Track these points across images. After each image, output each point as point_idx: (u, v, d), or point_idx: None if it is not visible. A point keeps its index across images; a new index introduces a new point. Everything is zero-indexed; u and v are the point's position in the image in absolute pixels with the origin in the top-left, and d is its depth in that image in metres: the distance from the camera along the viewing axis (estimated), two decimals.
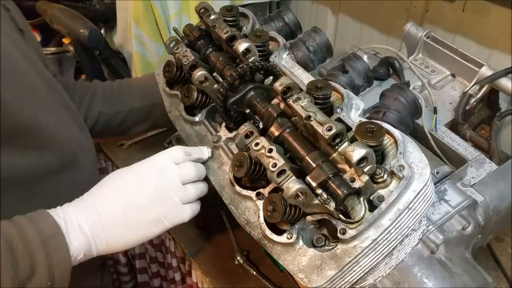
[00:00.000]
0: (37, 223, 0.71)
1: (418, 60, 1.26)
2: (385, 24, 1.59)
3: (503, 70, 1.09)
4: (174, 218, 0.82)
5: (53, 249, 0.70)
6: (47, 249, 0.69)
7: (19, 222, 0.71)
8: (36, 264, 0.68)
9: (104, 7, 1.70)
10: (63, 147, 0.89)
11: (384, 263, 0.74)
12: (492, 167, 1.00)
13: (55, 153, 0.87)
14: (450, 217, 0.86)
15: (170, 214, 0.81)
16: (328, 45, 1.06)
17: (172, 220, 0.82)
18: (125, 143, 1.54)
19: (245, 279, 1.17)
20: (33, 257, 0.68)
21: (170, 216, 0.81)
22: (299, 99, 0.74)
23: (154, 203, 0.80)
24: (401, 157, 0.71)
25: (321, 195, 0.68)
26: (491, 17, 1.26)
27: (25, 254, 0.67)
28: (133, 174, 0.82)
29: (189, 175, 0.84)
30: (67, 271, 0.72)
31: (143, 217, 0.79)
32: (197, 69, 0.89)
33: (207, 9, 0.97)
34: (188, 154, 0.85)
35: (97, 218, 0.76)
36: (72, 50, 1.71)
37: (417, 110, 0.99)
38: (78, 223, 0.75)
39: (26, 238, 0.68)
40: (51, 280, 0.70)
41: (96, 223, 0.76)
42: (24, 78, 0.81)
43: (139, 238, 0.81)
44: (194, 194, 0.85)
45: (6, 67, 0.75)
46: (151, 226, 0.81)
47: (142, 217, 0.79)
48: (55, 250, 0.70)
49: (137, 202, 0.79)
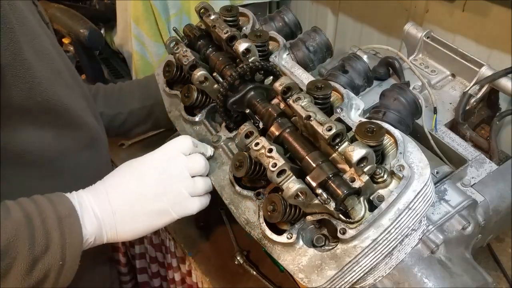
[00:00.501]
0: (54, 203, 0.74)
1: (418, 60, 1.26)
2: (385, 24, 1.59)
3: (503, 70, 1.09)
4: (181, 209, 0.83)
5: (67, 228, 0.73)
6: (62, 228, 0.72)
7: (38, 200, 0.74)
8: (50, 240, 0.71)
9: (104, 7, 1.69)
10: (83, 128, 0.91)
11: (384, 263, 0.74)
12: (492, 167, 1.00)
13: (75, 133, 0.90)
14: (450, 217, 0.86)
15: (177, 205, 0.82)
16: (328, 45, 1.06)
17: (179, 212, 0.83)
18: (125, 143, 1.54)
19: (245, 279, 1.17)
20: (49, 233, 0.71)
21: (177, 207, 0.82)
22: (299, 99, 0.74)
23: (161, 194, 0.81)
24: (401, 157, 0.71)
25: (321, 195, 0.68)
26: (491, 17, 1.26)
27: (42, 229, 0.70)
28: (142, 164, 0.84)
29: (198, 167, 0.84)
30: (78, 252, 0.74)
31: (150, 207, 0.81)
32: (197, 69, 0.89)
33: (207, 9, 0.97)
34: (195, 145, 0.86)
35: (108, 205, 0.78)
36: (72, 50, 1.71)
37: (417, 110, 0.99)
38: (92, 207, 0.78)
39: (44, 214, 0.71)
40: (62, 259, 0.72)
41: (107, 209, 0.78)
42: (54, 62, 0.84)
43: (146, 228, 0.82)
44: (203, 188, 0.85)
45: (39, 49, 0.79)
46: (158, 216, 0.82)
47: (149, 206, 0.81)
48: (69, 229, 0.73)
49: (144, 192, 0.81)
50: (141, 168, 0.83)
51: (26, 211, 0.70)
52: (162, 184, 0.81)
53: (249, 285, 1.16)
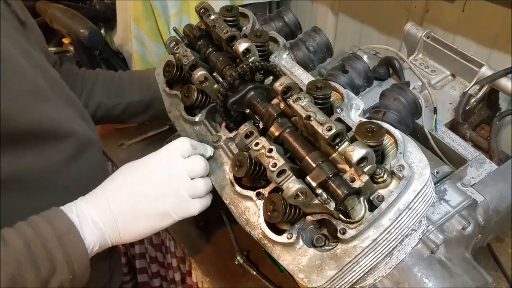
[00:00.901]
0: (51, 221, 0.74)
1: (418, 60, 1.26)
2: (385, 24, 1.59)
3: (503, 70, 1.09)
4: (182, 211, 0.83)
5: (69, 244, 0.73)
6: (64, 246, 0.72)
7: (35, 222, 0.73)
8: (55, 262, 0.71)
9: (104, 7, 1.70)
10: (69, 138, 0.90)
11: (384, 263, 0.74)
12: (492, 167, 1.00)
13: (60, 146, 0.88)
14: (450, 217, 0.86)
15: (178, 207, 0.82)
16: (328, 45, 1.06)
17: (180, 214, 0.83)
18: (125, 143, 1.54)
19: (245, 279, 1.17)
20: (51, 255, 0.71)
21: (177, 209, 0.82)
22: (299, 99, 0.74)
23: (161, 197, 0.81)
24: (401, 157, 0.71)
25: (321, 195, 0.68)
26: (491, 17, 1.26)
27: (44, 253, 0.70)
28: (142, 167, 0.84)
29: (198, 169, 0.84)
30: (86, 264, 0.75)
31: (151, 210, 0.81)
32: (197, 69, 0.89)
33: (207, 9, 0.97)
34: (194, 147, 0.86)
35: (109, 210, 0.79)
36: (72, 50, 1.71)
37: (417, 110, 0.99)
38: (91, 217, 0.78)
39: (42, 237, 0.71)
40: (72, 273, 0.73)
41: (108, 215, 0.78)
42: (25, 79, 0.82)
43: (149, 230, 0.83)
44: (203, 189, 0.85)
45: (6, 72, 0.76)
46: (159, 219, 0.82)
47: (150, 209, 0.81)
48: (71, 246, 0.73)
49: (145, 195, 0.81)
50: (141, 172, 0.83)
51: (25, 237, 0.70)
52: (163, 187, 0.81)
53: (249, 285, 1.16)
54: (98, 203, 0.79)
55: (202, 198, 0.85)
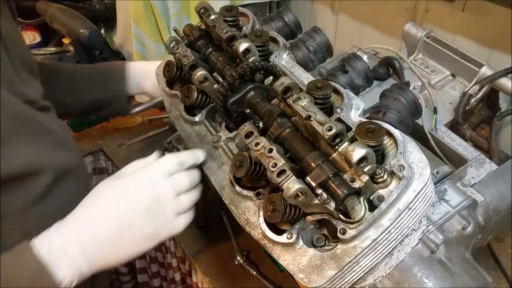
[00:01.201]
0: (22, 263, 0.70)
1: (418, 60, 1.26)
2: (385, 24, 1.59)
3: (503, 70, 1.09)
4: (169, 231, 0.81)
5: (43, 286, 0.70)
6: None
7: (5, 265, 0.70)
8: None
9: (104, 7, 1.70)
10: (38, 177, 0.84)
11: (384, 263, 0.74)
12: (492, 167, 1.00)
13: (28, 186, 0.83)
14: (450, 217, 0.86)
15: (164, 228, 0.80)
16: (328, 45, 1.06)
17: (166, 234, 0.81)
18: (125, 143, 1.54)
19: (245, 279, 1.17)
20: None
21: (164, 230, 0.80)
22: (299, 99, 0.74)
23: (147, 220, 0.78)
24: (401, 157, 0.70)
25: (321, 195, 0.68)
26: (491, 17, 1.26)
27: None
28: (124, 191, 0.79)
29: (183, 186, 0.82)
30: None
31: (136, 235, 0.78)
32: (197, 69, 0.89)
33: (207, 9, 0.97)
34: (181, 164, 0.83)
35: (87, 239, 0.75)
36: (72, 50, 1.71)
37: (417, 110, 0.99)
38: (66, 250, 0.73)
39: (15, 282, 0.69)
40: None
41: (85, 245, 0.74)
42: None
43: (134, 253, 0.80)
44: (188, 204, 0.83)
45: None
46: (145, 242, 0.80)
47: (135, 234, 0.78)
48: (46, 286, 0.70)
49: (129, 220, 0.77)
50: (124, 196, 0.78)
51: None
52: (148, 211, 0.78)
53: (249, 285, 1.16)
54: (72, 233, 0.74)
55: (186, 213, 0.83)
